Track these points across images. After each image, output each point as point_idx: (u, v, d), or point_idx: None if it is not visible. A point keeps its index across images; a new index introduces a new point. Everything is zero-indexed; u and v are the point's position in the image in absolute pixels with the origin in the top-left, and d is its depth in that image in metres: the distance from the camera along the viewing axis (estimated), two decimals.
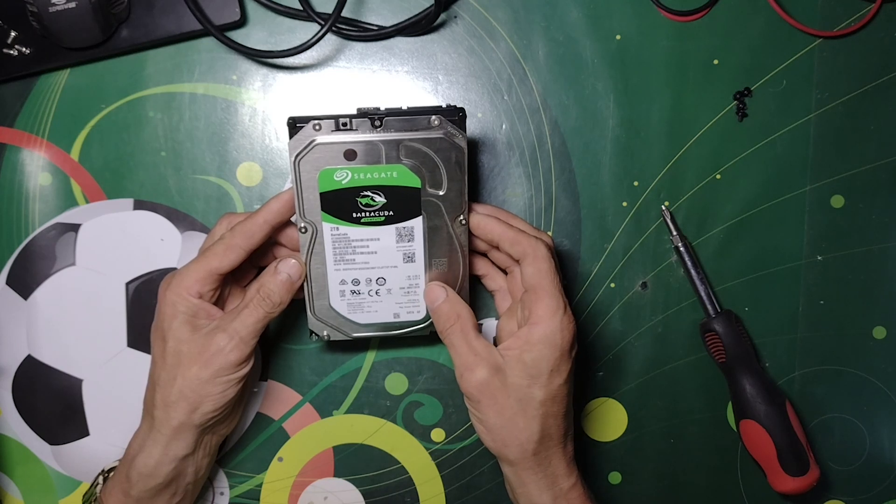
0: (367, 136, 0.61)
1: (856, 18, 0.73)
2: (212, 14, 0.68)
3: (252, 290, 0.63)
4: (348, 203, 0.62)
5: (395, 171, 0.62)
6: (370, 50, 0.72)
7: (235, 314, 0.62)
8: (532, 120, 0.72)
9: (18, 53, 0.68)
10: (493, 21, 0.72)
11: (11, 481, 0.74)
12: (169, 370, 0.61)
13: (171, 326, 0.61)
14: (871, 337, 0.76)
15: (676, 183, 0.73)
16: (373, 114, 0.61)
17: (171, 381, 0.61)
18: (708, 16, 0.73)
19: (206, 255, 0.62)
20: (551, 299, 0.61)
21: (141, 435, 0.64)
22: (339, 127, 0.61)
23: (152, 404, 0.62)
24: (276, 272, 0.63)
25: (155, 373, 0.63)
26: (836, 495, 0.77)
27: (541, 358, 0.61)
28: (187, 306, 0.61)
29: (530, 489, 0.63)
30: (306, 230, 0.63)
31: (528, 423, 0.62)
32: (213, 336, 0.61)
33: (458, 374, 0.63)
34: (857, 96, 0.74)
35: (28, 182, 0.72)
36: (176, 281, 0.61)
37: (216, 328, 0.61)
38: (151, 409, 0.63)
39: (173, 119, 0.72)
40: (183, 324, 0.61)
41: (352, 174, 0.62)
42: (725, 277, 0.74)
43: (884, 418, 0.76)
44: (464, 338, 0.63)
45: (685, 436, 0.75)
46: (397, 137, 0.61)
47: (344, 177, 0.62)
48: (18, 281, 0.72)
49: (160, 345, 0.62)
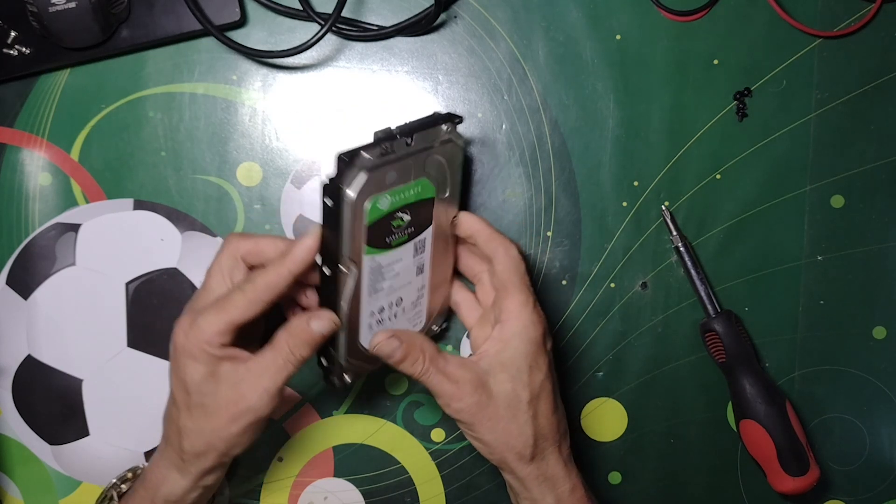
0: (401, 156, 0.58)
1: (856, 18, 0.73)
2: (212, 14, 0.68)
3: (281, 343, 0.59)
4: (384, 229, 0.60)
5: (419, 185, 0.60)
6: (370, 50, 0.72)
7: (264, 370, 0.59)
8: (532, 120, 0.72)
9: (18, 53, 0.68)
10: (493, 21, 0.72)
11: (11, 481, 0.74)
12: (195, 421, 0.59)
13: (194, 380, 0.59)
14: (871, 337, 0.76)
15: (676, 183, 0.73)
16: (403, 132, 0.59)
17: (199, 433, 0.59)
18: (708, 16, 0.73)
19: (226, 306, 0.58)
20: (521, 294, 0.62)
21: (164, 465, 0.62)
22: (384, 152, 0.58)
23: (180, 448, 0.60)
24: (310, 330, 0.59)
25: (179, 419, 0.60)
26: (836, 495, 0.77)
27: (517, 354, 0.61)
28: (208, 359, 0.58)
29: (534, 494, 0.63)
30: (348, 271, 0.59)
31: (521, 429, 0.61)
32: (241, 391, 0.58)
33: (444, 405, 0.61)
34: (857, 96, 0.74)
35: (28, 182, 0.72)
36: (194, 332, 0.58)
37: (243, 382, 0.58)
38: (178, 452, 0.60)
39: (173, 119, 0.72)
40: (206, 378, 0.58)
41: (391, 198, 0.59)
42: (725, 277, 0.74)
43: (884, 418, 0.76)
44: (438, 372, 0.60)
45: (685, 436, 0.75)
46: (424, 152, 0.60)
47: (386, 203, 0.59)
48: (18, 281, 0.72)
49: (182, 395, 0.59)
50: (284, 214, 0.72)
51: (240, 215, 0.72)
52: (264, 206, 0.72)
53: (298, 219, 0.72)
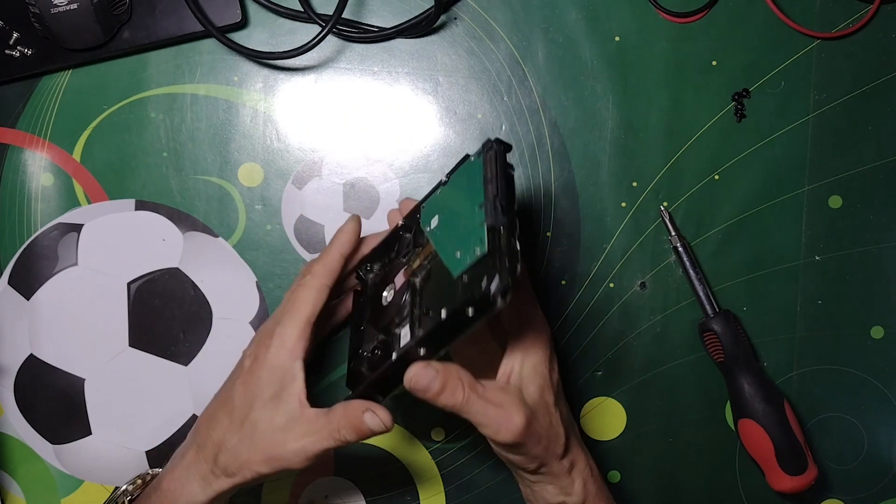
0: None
1: (854, 20, 0.73)
2: (213, 15, 0.68)
3: (335, 418, 0.58)
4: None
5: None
6: (370, 51, 0.72)
7: (310, 431, 0.58)
8: (531, 121, 0.73)
9: (20, 54, 0.69)
10: (493, 22, 0.72)
11: (13, 480, 0.74)
12: (241, 440, 0.59)
13: (264, 396, 0.59)
14: (868, 336, 0.76)
15: (675, 183, 0.74)
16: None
17: (237, 455, 0.59)
18: (706, 17, 0.73)
19: (298, 306, 0.60)
20: (534, 300, 0.62)
21: (187, 475, 0.61)
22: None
23: (213, 461, 0.60)
24: (363, 422, 0.58)
25: (227, 431, 0.60)
26: (834, 494, 0.77)
27: (539, 360, 0.60)
28: (285, 376, 0.59)
29: (563, 483, 0.62)
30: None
31: (556, 430, 0.60)
32: (286, 437, 0.58)
33: (493, 434, 0.57)
34: (856, 97, 0.74)
35: (30, 183, 0.72)
36: (277, 342, 0.59)
37: (290, 430, 0.58)
38: (210, 464, 0.60)
39: (175, 120, 0.72)
40: (273, 397, 0.59)
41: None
42: (724, 277, 0.74)
43: (882, 417, 0.76)
44: (479, 398, 0.57)
45: (684, 435, 0.76)
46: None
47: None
48: (21, 281, 0.72)
49: (243, 409, 0.59)
50: (286, 215, 0.73)
51: (241, 216, 0.72)
52: (265, 207, 0.73)
53: (299, 219, 0.73)
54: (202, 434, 0.62)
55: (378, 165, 0.73)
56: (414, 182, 0.73)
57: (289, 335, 0.59)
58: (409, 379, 0.56)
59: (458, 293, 0.52)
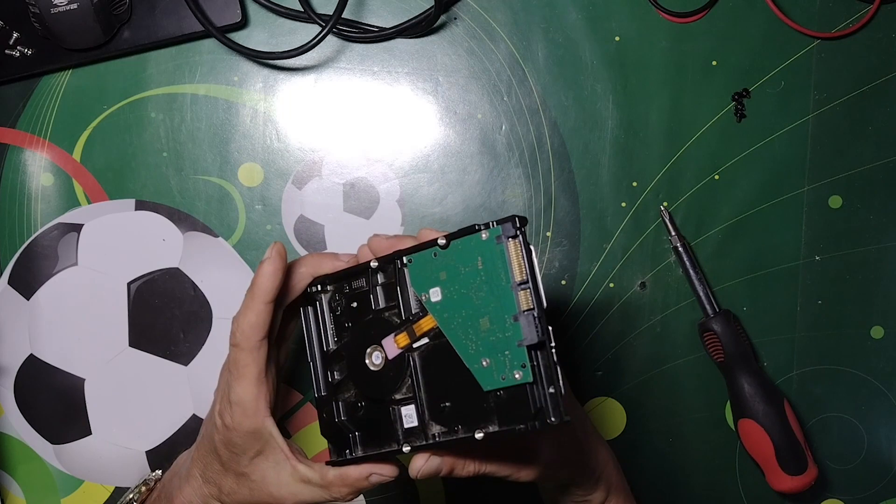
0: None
1: (854, 19, 0.73)
2: (213, 15, 0.68)
3: (331, 481, 0.57)
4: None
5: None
6: (370, 51, 0.72)
7: (307, 488, 0.57)
8: (532, 121, 0.73)
9: (20, 54, 0.69)
10: (493, 22, 0.72)
11: (13, 480, 0.74)
12: (238, 487, 0.59)
13: (249, 456, 0.57)
14: (868, 336, 0.76)
15: (675, 183, 0.74)
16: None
17: (239, 498, 0.59)
18: (706, 17, 0.73)
19: (240, 370, 0.56)
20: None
21: (196, 498, 0.61)
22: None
23: (218, 494, 0.60)
24: (368, 483, 0.57)
25: (224, 478, 0.59)
26: (834, 494, 0.77)
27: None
28: (260, 438, 0.57)
29: (595, 489, 0.62)
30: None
31: (573, 441, 0.60)
32: (282, 493, 0.57)
33: (515, 479, 0.58)
34: (856, 97, 0.74)
35: (30, 182, 0.72)
36: (238, 411, 0.57)
37: (285, 486, 0.57)
38: (217, 496, 0.60)
39: (175, 120, 0.72)
40: (258, 456, 0.57)
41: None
42: (724, 277, 0.74)
43: (881, 417, 0.76)
44: (492, 463, 0.57)
45: (684, 435, 0.76)
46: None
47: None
48: (21, 281, 0.72)
49: (231, 463, 0.58)
50: (286, 215, 0.73)
51: (241, 216, 0.72)
52: (265, 207, 0.73)
53: (299, 219, 0.73)
54: (201, 468, 0.61)
55: (378, 165, 0.73)
56: (414, 182, 0.73)
57: (245, 402, 0.56)
58: (415, 474, 0.55)
59: (493, 411, 0.50)
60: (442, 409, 0.52)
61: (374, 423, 0.56)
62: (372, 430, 0.57)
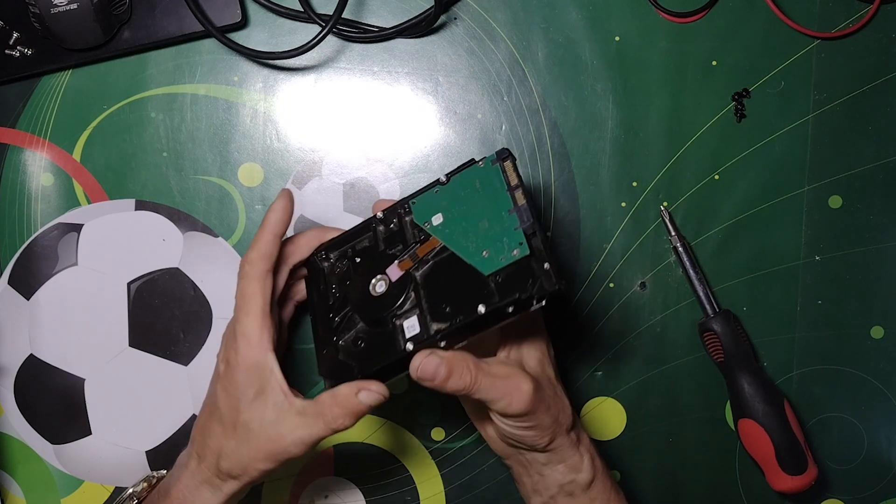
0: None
1: (854, 20, 0.73)
2: (213, 15, 0.68)
3: (325, 408, 0.58)
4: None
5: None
6: (370, 51, 0.72)
7: (304, 424, 0.58)
8: (531, 121, 0.73)
9: (20, 54, 0.69)
10: (493, 22, 0.72)
11: (13, 480, 0.74)
12: (238, 443, 0.59)
13: (248, 397, 0.58)
14: (868, 336, 0.76)
15: (675, 183, 0.74)
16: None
17: (238, 458, 0.59)
18: (706, 17, 0.73)
19: (246, 299, 0.59)
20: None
21: (195, 482, 0.61)
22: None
23: (216, 468, 0.60)
24: (358, 402, 0.57)
25: (222, 438, 0.59)
26: (834, 494, 0.77)
27: (535, 336, 0.61)
28: (261, 373, 0.58)
29: (573, 460, 0.62)
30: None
31: (562, 401, 0.61)
32: (281, 432, 0.58)
33: (504, 407, 0.58)
34: (855, 97, 0.74)
35: (30, 182, 0.72)
36: (242, 343, 0.58)
37: (284, 424, 0.58)
38: (214, 471, 0.60)
39: (175, 120, 0.72)
40: (257, 397, 0.58)
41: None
42: (724, 277, 0.74)
43: (881, 417, 0.77)
44: (487, 376, 0.57)
45: (684, 435, 0.76)
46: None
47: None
48: (21, 281, 0.72)
49: (231, 412, 0.59)
50: None
51: (241, 216, 0.72)
52: (265, 207, 0.73)
53: (299, 219, 0.73)
54: (198, 444, 0.61)
55: (378, 165, 0.73)
56: (414, 182, 0.73)
57: (250, 332, 0.58)
58: (415, 369, 0.57)
59: (494, 291, 0.55)
60: (444, 308, 0.57)
61: (376, 349, 0.59)
62: (373, 355, 0.59)
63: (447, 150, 0.73)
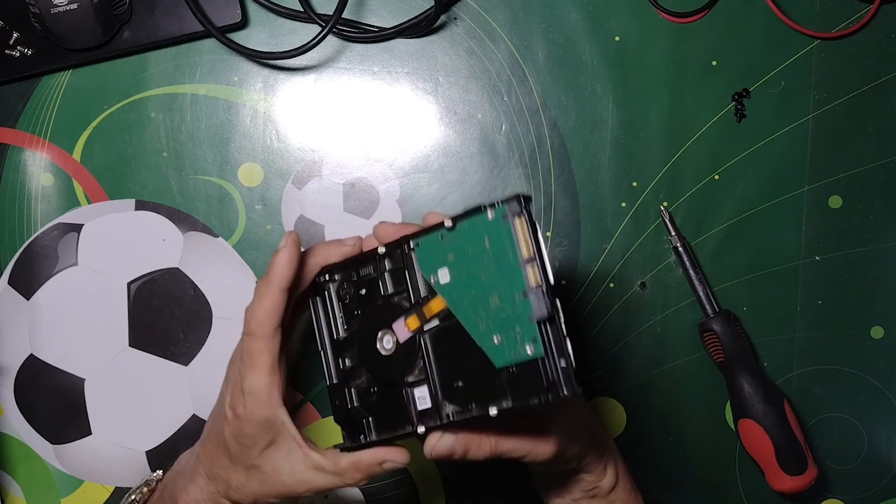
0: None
1: (854, 20, 0.73)
2: (213, 15, 0.68)
3: (343, 469, 0.57)
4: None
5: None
6: (370, 51, 0.72)
7: (319, 476, 0.57)
8: (532, 121, 0.73)
9: (20, 54, 0.69)
10: (493, 22, 0.72)
11: (13, 480, 0.74)
12: (249, 481, 0.58)
13: (259, 447, 0.57)
14: (868, 336, 0.76)
15: (675, 183, 0.74)
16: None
17: (249, 492, 0.59)
18: (706, 17, 0.73)
19: (254, 358, 0.55)
20: None
21: (201, 497, 0.61)
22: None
23: (226, 494, 0.59)
24: (380, 469, 0.57)
25: (232, 474, 0.59)
26: (834, 494, 0.77)
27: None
28: (272, 427, 0.56)
29: (604, 475, 0.62)
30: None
31: (586, 426, 0.60)
32: (295, 480, 0.57)
33: (533, 458, 0.56)
34: (856, 97, 0.74)
35: (30, 182, 0.72)
36: (250, 400, 0.56)
37: (297, 474, 0.57)
38: (223, 493, 0.59)
39: (175, 120, 0.72)
40: (269, 447, 0.57)
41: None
42: (724, 277, 0.74)
43: (881, 417, 0.77)
44: (507, 440, 0.55)
45: (684, 435, 0.76)
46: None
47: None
48: (21, 281, 0.72)
49: (241, 456, 0.58)
50: (286, 215, 0.73)
51: (241, 216, 0.72)
52: (265, 207, 0.73)
53: (299, 219, 0.73)
54: (207, 466, 0.61)
55: (378, 165, 0.73)
56: (414, 182, 0.73)
57: (258, 391, 0.56)
58: (429, 452, 0.55)
59: (506, 387, 0.50)
60: (455, 388, 0.53)
61: (388, 407, 0.56)
62: (385, 414, 0.57)
63: (447, 150, 0.73)
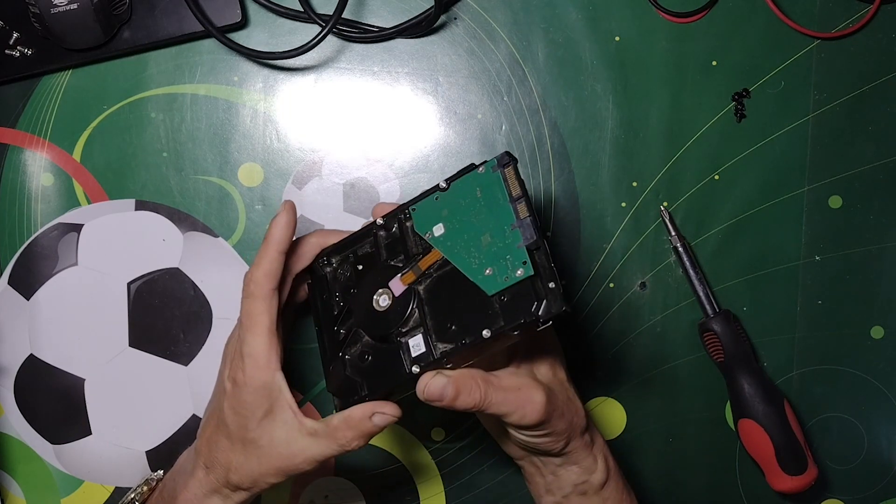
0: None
1: (854, 20, 0.73)
2: (213, 15, 0.68)
3: (338, 431, 0.58)
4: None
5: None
6: (370, 51, 0.72)
7: (316, 443, 0.58)
8: (532, 121, 0.73)
9: (20, 54, 0.69)
10: (493, 22, 0.72)
11: (14, 480, 0.74)
12: (247, 459, 0.59)
13: (257, 417, 0.58)
14: (868, 336, 0.76)
15: (675, 183, 0.74)
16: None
17: (248, 472, 0.59)
18: (706, 17, 0.73)
19: (253, 319, 0.58)
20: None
21: (203, 491, 0.61)
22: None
23: (226, 480, 0.60)
24: (372, 424, 0.57)
25: (230, 453, 0.59)
26: (834, 494, 0.77)
27: (545, 341, 0.61)
28: (270, 393, 0.58)
29: (587, 463, 0.62)
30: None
31: (575, 404, 0.61)
32: (292, 451, 0.58)
33: (518, 419, 0.57)
34: (855, 97, 0.74)
35: (30, 182, 0.72)
36: (249, 363, 0.57)
37: (294, 443, 0.58)
38: (224, 482, 0.60)
39: (175, 120, 0.72)
40: (266, 416, 0.58)
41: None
42: (724, 277, 0.74)
43: (881, 417, 0.77)
44: (497, 390, 0.56)
45: (684, 435, 0.76)
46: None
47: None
48: (21, 281, 0.72)
49: (240, 431, 0.59)
50: None
51: (241, 216, 0.72)
52: (265, 207, 0.73)
53: (299, 219, 0.72)
54: (205, 456, 0.61)
55: (378, 165, 0.73)
56: (414, 182, 0.73)
57: (257, 353, 0.57)
58: (422, 390, 0.56)
59: (499, 313, 0.54)
60: (448, 328, 0.56)
61: (382, 366, 0.58)
62: (379, 373, 0.59)
63: (447, 150, 0.73)
